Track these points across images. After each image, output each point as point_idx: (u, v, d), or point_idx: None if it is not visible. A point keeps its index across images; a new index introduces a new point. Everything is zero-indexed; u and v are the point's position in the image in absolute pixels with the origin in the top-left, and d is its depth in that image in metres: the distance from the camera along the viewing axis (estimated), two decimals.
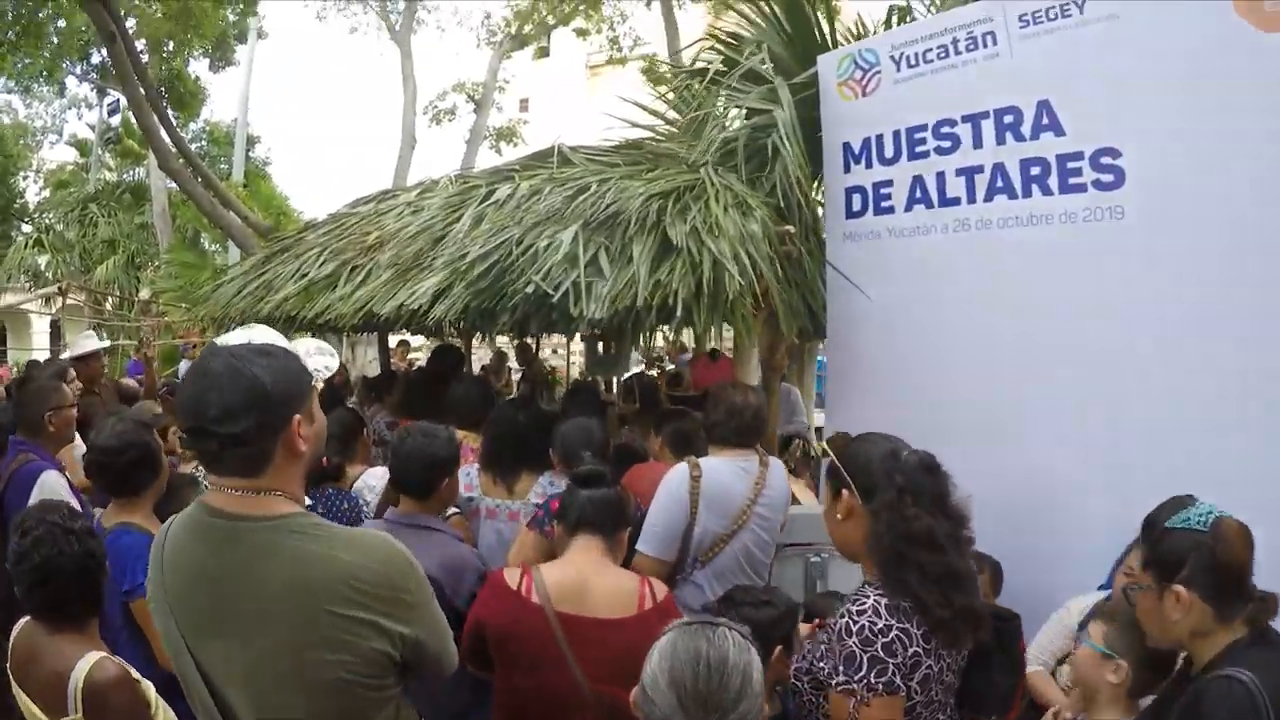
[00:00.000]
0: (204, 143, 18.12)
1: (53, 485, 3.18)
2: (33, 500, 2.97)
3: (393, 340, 9.35)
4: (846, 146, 3.83)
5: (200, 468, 3.14)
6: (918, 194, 3.57)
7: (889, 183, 3.67)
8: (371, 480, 3.57)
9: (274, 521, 1.46)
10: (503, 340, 8.91)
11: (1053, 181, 3.19)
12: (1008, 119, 3.31)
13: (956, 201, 3.45)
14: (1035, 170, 3.23)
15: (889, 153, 3.67)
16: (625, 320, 3.32)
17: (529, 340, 8.03)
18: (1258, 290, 2.75)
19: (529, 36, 15.47)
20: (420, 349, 10.84)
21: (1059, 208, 3.17)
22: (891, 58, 3.67)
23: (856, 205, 3.78)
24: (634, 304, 3.23)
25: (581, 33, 15.62)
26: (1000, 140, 3.33)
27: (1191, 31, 2.90)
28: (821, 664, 1.91)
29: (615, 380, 7.10)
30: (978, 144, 3.39)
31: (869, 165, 3.75)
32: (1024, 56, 3.27)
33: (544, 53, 18.95)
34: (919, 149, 3.57)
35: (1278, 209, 2.73)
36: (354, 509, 3.26)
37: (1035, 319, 3.22)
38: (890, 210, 3.66)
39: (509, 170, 4.90)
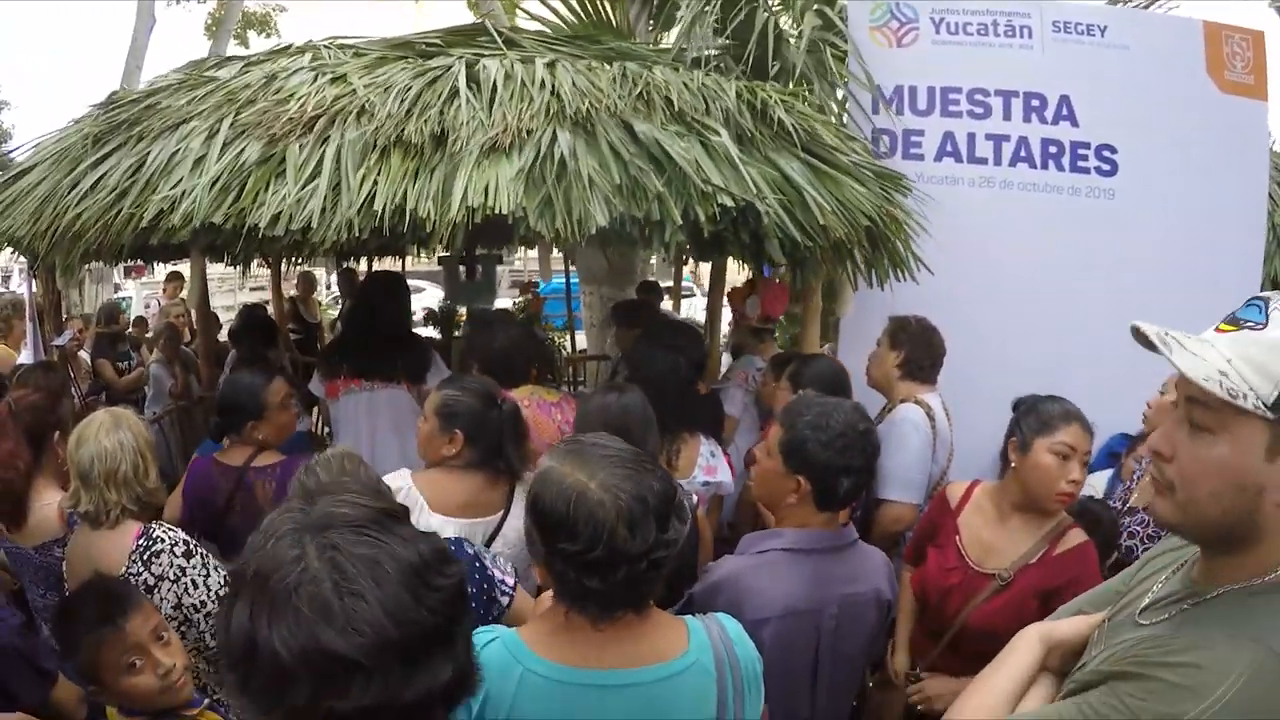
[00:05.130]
0: None
1: None
2: None
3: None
4: (878, 89, 4.11)
5: None
6: (949, 148, 4.08)
7: (920, 132, 4.10)
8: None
9: None
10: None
11: (1065, 161, 4.01)
12: (1034, 103, 4.05)
13: (984, 161, 4.05)
14: (1053, 149, 4.02)
15: (921, 105, 4.09)
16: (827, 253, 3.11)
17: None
18: (1201, 263, 3.93)
19: None
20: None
21: (1067, 183, 4.00)
22: (932, 19, 4.12)
23: (883, 147, 4.10)
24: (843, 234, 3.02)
25: None
26: (1027, 119, 4.04)
27: (1176, 77, 4.00)
28: None
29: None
30: (1007, 116, 4.05)
31: (899, 112, 4.11)
32: (1054, 55, 4.05)
33: None
34: (952, 108, 4.08)
35: (1215, 213, 3.96)
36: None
37: (1041, 271, 3.97)
38: (920, 158, 4.09)
39: (426, 43, 3.76)
